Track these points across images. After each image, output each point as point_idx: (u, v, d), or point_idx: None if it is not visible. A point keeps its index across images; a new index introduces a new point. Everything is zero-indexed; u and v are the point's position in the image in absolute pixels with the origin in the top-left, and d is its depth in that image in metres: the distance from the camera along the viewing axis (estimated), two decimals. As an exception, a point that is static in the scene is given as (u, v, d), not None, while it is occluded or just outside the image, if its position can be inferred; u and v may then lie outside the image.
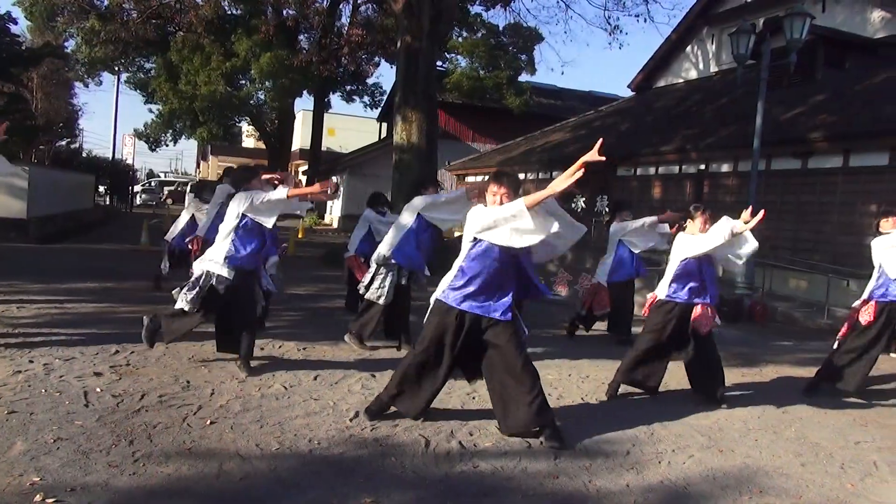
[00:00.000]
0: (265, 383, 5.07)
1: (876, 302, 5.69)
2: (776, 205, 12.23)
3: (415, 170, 13.41)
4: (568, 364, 6.42)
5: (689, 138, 14.45)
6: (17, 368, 4.98)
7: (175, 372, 5.20)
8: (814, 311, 10.16)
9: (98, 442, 3.70)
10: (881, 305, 5.67)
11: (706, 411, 5.13)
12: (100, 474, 3.31)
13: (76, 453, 3.53)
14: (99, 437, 3.76)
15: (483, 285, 4.13)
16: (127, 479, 3.29)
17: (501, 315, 4.16)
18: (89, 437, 3.77)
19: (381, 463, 3.73)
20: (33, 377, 4.80)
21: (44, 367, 5.08)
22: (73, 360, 5.31)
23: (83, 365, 5.21)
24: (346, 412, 4.52)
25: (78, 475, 3.28)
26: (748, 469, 4.03)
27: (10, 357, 5.28)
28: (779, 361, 7.28)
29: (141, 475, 3.34)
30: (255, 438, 3.93)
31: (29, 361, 5.19)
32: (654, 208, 14.85)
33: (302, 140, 37.70)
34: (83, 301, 7.94)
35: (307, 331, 7.14)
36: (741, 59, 10.69)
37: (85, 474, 3.30)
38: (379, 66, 29.75)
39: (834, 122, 11.67)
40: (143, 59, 29.95)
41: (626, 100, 22.68)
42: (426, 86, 13.94)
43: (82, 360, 5.35)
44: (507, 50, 26.88)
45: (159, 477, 3.34)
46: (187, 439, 3.84)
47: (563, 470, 3.81)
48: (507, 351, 4.16)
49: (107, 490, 3.16)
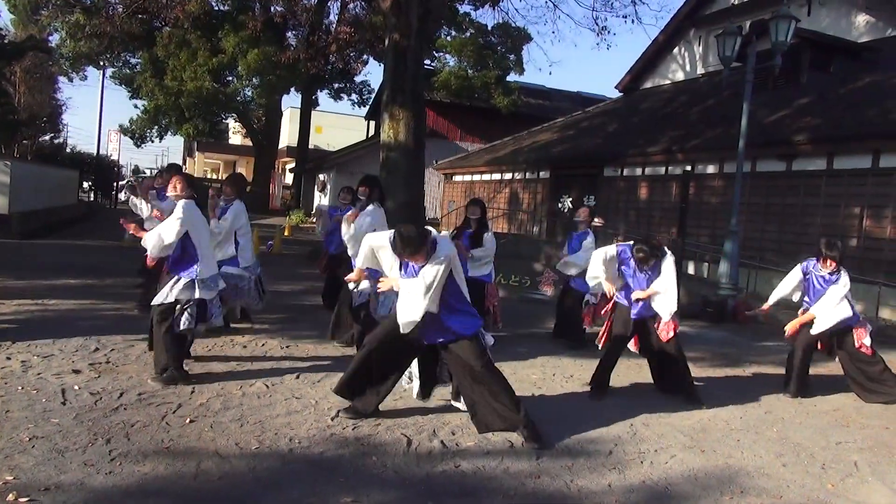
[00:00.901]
0: (246, 382, 5.02)
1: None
2: (761, 206, 12.31)
3: (402, 168, 13.37)
4: (552, 364, 6.41)
5: (676, 139, 14.50)
6: (-6, 365, 4.90)
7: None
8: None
9: (74, 440, 3.65)
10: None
11: (689, 411, 5.14)
12: (75, 473, 3.26)
13: (51, 452, 3.48)
14: (75, 436, 3.71)
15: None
16: (102, 478, 3.24)
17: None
18: (65, 435, 3.71)
19: (362, 462, 3.70)
20: (10, 374, 4.73)
21: (21, 364, 5.01)
22: (52, 358, 5.23)
23: (62, 362, 5.13)
24: (327, 411, 4.48)
25: (52, 474, 3.23)
26: (730, 469, 4.04)
27: (-13, 354, 5.20)
28: (762, 362, 7.31)
29: (117, 474, 3.29)
30: (235, 437, 3.89)
31: (6, 358, 5.11)
32: (640, 209, 14.94)
33: (289, 137, 37.53)
34: (64, 298, 7.84)
35: (291, 328, 7.09)
36: (727, 61, 10.72)
37: (60, 473, 3.25)
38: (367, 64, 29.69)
39: (818, 125, 11.75)
40: (128, 54, 29.63)
41: (614, 101, 22.74)
42: (414, 84, 13.89)
43: (61, 357, 5.28)
44: (496, 49, 26.87)
45: (136, 476, 3.29)
46: (165, 438, 3.79)
47: (544, 470, 3.79)
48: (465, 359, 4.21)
49: (81, 489, 3.11)
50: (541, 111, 27.21)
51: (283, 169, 41.78)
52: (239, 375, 5.18)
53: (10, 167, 14.52)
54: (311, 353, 6.12)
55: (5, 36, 23.31)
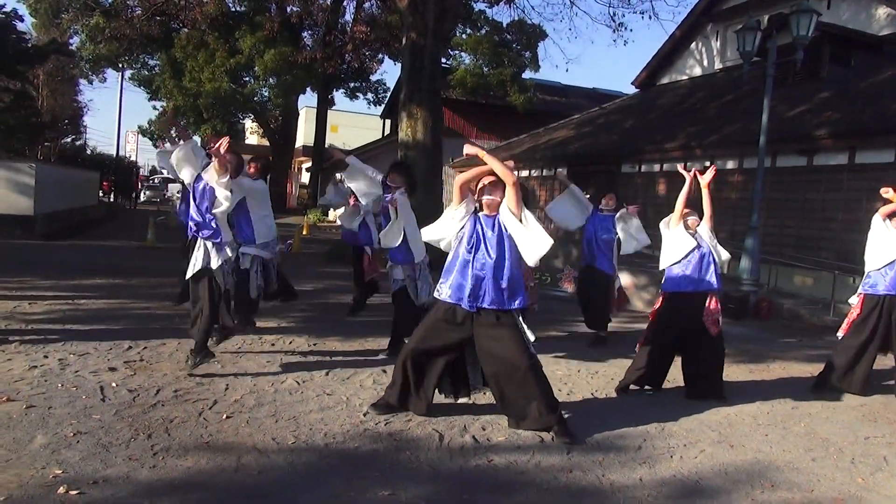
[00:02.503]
0: (278, 378, 5.11)
1: (864, 295, 5.73)
2: (781, 202, 12.24)
3: (420, 167, 13.42)
4: (576, 360, 6.45)
5: (694, 135, 14.45)
6: (33, 363, 5.02)
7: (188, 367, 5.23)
8: (819, 307, 10.17)
9: (117, 436, 3.74)
10: (869, 298, 5.70)
11: (716, 407, 5.15)
12: (120, 467, 3.35)
13: (96, 447, 3.57)
14: (117, 431, 3.80)
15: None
16: (147, 472, 3.33)
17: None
18: (108, 430, 3.81)
19: (396, 457, 3.76)
20: (49, 372, 4.85)
21: (59, 362, 5.12)
22: (88, 356, 5.35)
23: (97, 360, 5.25)
24: (359, 407, 4.55)
25: (99, 468, 3.32)
26: (759, 464, 4.06)
27: (26, 352, 5.33)
28: (786, 358, 7.30)
29: (161, 468, 3.38)
30: (272, 433, 3.97)
31: (44, 357, 5.23)
32: (658, 205, 14.89)
33: (305, 137, 37.73)
34: (93, 297, 7.98)
35: (317, 326, 7.18)
36: (747, 56, 10.68)
37: (106, 467, 3.34)
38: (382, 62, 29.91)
39: (839, 120, 11.67)
40: (147, 55, 30.00)
41: (631, 97, 22.65)
42: (431, 83, 13.96)
43: (96, 355, 5.40)
44: (511, 47, 26.85)
45: (179, 470, 3.38)
46: (204, 433, 3.88)
47: (576, 464, 3.84)
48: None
49: (128, 483, 3.20)
50: (557, 108, 27.15)
51: (299, 168, 42.03)
52: (270, 372, 5.26)
53: (34, 169, 14.75)
54: (338, 350, 6.21)
55: (28, 40, 23.61)
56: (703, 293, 5.38)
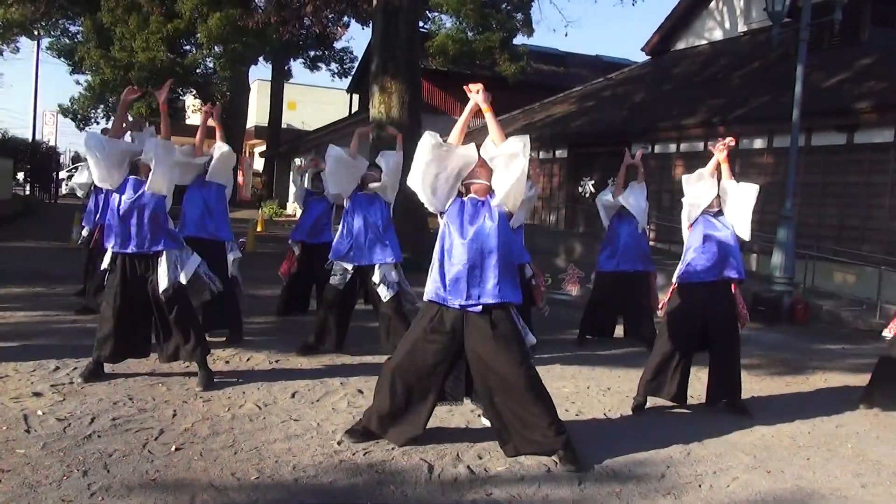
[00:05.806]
0: (235, 402, 5.09)
1: None
2: (818, 186, 12.40)
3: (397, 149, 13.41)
4: (584, 374, 6.50)
5: (716, 109, 14.59)
6: (-59, 389, 4.97)
7: (128, 390, 5.20)
8: (864, 309, 10.32)
9: (46, 473, 3.71)
10: None
11: (748, 427, 5.22)
12: (52, 511, 3.33)
13: (22, 487, 3.54)
14: (46, 468, 3.77)
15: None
16: (84, 516, 3.31)
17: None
18: (35, 467, 3.78)
19: (379, 492, 3.77)
20: (-39, 399, 4.79)
21: (-28, 387, 5.07)
22: (7, 379, 5.30)
23: (19, 384, 5.20)
24: (332, 434, 4.55)
25: (26, 513, 3.30)
26: (801, 492, 4.12)
27: (-69, 376, 5.26)
28: (827, 368, 7.40)
29: (100, 511, 3.36)
30: (230, 466, 3.96)
31: (-46, 381, 5.18)
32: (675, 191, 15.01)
33: (258, 116, 37.54)
34: (9, 309, 7.89)
35: (278, 340, 7.16)
36: (777, 16, 10.79)
37: (34, 511, 3.31)
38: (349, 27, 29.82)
39: (883, 90, 11.83)
40: (68, 21, 29.65)
41: (640, 65, 22.83)
42: (408, 51, 13.96)
43: (17, 378, 5.34)
44: (501, 7, 26.88)
45: (122, 513, 3.36)
46: (150, 468, 3.86)
47: (589, 497, 3.87)
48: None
49: (62, 529, 3.18)
50: (554, 79, 27.28)
51: (251, 153, 41.82)
52: (225, 396, 5.25)
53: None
54: (304, 367, 6.20)
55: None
56: (725, 282, 5.50)
